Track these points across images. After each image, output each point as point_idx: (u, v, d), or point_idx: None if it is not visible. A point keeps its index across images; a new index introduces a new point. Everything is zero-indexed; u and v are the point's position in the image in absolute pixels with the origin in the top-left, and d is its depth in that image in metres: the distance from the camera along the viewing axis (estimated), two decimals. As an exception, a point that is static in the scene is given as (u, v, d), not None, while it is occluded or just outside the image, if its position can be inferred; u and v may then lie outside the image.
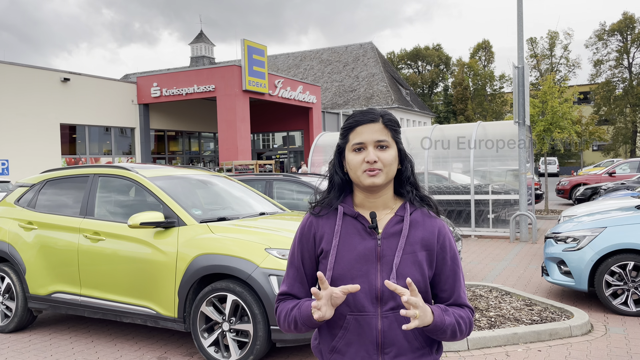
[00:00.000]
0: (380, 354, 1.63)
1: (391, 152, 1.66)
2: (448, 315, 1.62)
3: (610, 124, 53.29)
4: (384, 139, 1.65)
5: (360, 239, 1.68)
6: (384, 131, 1.67)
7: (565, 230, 6.47)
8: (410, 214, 1.71)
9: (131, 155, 25.15)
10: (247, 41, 23.66)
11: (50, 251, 5.44)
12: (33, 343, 5.39)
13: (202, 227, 4.75)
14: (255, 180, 8.36)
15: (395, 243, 1.66)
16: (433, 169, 13.74)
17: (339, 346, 1.66)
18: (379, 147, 1.65)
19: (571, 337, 5.08)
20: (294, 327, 1.68)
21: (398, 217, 1.70)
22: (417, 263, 1.65)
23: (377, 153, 1.64)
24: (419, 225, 1.70)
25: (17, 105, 19.82)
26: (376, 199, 1.70)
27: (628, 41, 53.88)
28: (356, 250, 1.66)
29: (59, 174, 5.93)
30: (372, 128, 1.66)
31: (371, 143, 1.65)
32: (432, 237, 1.69)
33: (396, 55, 70.02)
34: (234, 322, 4.45)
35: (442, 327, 1.58)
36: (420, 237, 1.68)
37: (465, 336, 1.70)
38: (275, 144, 34.56)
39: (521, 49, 11.52)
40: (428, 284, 1.68)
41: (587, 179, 19.45)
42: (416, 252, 1.66)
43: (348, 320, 1.65)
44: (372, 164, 1.63)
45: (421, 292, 1.65)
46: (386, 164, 1.64)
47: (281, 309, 1.73)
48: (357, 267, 1.64)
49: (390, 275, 1.62)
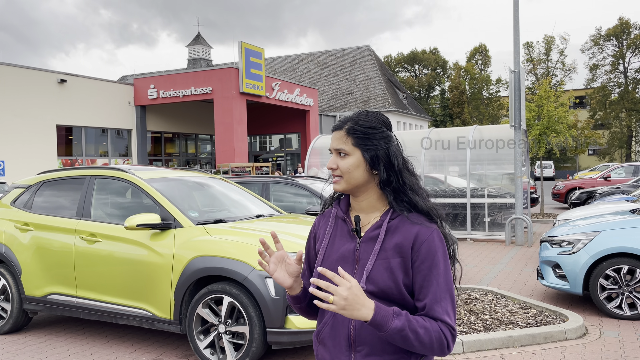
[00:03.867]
0: (353, 352, 1.65)
1: (349, 159, 1.68)
2: (399, 319, 1.52)
3: (606, 128, 53.54)
4: (341, 147, 1.70)
5: (345, 241, 1.73)
6: (344, 139, 1.70)
7: (560, 234, 6.50)
8: (392, 219, 1.69)
9: (127, 157, 25.12)
10: (245, 43, 23.70)
11: (46, 252, 5.43)
12: (28, 345, 5.38)
13: (198, 229, 4.76)
14: (252, 182, 8.37)
15: (372, 248, 1.67)
16: (429, 172, 13.77)
17: (321, 337, 1.74)
18: (339, 154, 1.71)
19: (566, 341, 5.10)
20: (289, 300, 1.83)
21: (379, 222, 1.70)
22: (389, 269, 1.63)
23: (337, 160, 1.71)
24: (398, 231, 1.67)
25: (14, 106, 19.78)
26: (359, 202, 1.75)
27: (624, 46, 54.18)
28: (339, 251, 1.72)
29: (55, 175, 5.93)
30: (336, 135, 1.73)
31: (334, 150, 1.72)
32: (408, 243, 1.64)
33: (393, 59, 70.21)
34: (230, 324, 4.45)
35: (385, 328, 1.51)
36: (394, 243, 1.65)
37: (435, 353, 1.58)
38: (272, 147, 34.57)
39: (517, 53, 11.57)
40: (403, 290, 1.63)
41: (583, 183, 19.52)
42: (389, 258, 1.64)
43: (329, 315, 1.72)
44: (334, 171, 1.71)
45: (395, 299, 1.63)
46: (344, 172, 1.69)
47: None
48: (337, 268, 1.68)
49: (361, 280, 1.63)
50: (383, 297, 1.62)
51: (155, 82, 24.83)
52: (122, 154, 25.00)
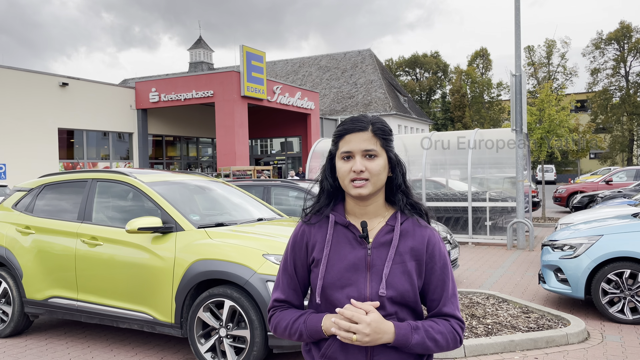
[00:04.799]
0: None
1: (379, 161, 1.64)
2: (418, 334, 1.59)
3: (607, 132, 53.50)
4: (372, 149, 1.63)
5: (351, 248, 1.67)
6: (373, 140, 1.64)
7: (562, 238, 6.49)
8: (401, 223, 1.70)
9: (129, 160, 25.14)
10: (246, 47, 23.73)
11: (48, 256, 5.43)
12: (29, 348, 5.37)
13: (200, 233, 4.75)
14: (253, 186, 8.37)
15: (385, 253, 1.65)
16: (431, 176, 13.76)
17: (328, 353, 1.66)
18: (367, 157, 1.63)
19: (568, 345, 5.09)
20: (296, 338, 1.69)
21: (389, 227, 1.69)
22: (406, 273, 1.64)
23: (365, 162, 1.63)
24: (409, 235, 1.68)
25: (15, 109, 19.82)
26: (366, 206, 1.70)
27: (625, 50, 54.21)
28: (346, 259, 1.66)
29: (57, 178, 5.93)
30: (360, 137, 1.64)
31: (359, 152, 1.63)
32: (422, 246, 1.67)
33: (394, 62, 70.29)
34: (231, 328, 4.45)
35: (407, 345, 1.59)
36: (409, 247, 1.67)
37: (450, 349, 1.68)
38: (274, 150, 34.59)
39: (519, 57, 11.58)
40: (417, 293, 1.68)
41: (584, 186, 19.50)
42: (406, 262, 1.65)
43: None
44: (359, 174, 1.62)
45: (410, 302, 1.66)
46: (373, 174, 1.63)
47: (280, 318, 1.73)
48: (347, 276, 1.64)
49: (380, 285, 1.62)
50: (401, 301, 1.64)
51: (156, 86, 24.87)
52: (123, 157, 25.02)
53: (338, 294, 1.64)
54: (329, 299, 1.66)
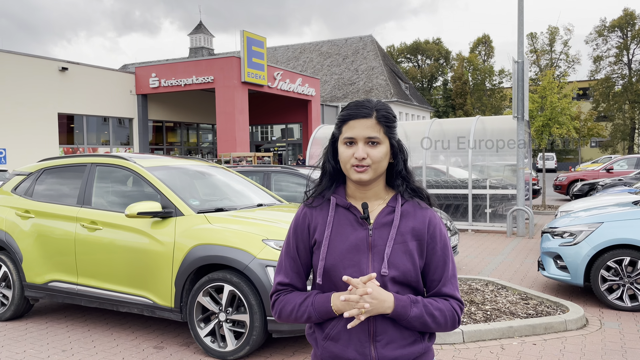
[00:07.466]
0: (373, 342, 1.65)
1: (381, 148, 1.65)
2: (416, 307, 1.63)
3: (609, 120, 53.35)
4: (374, 136, 1.64)
5: (352, 229, 1.69)
6: (376, 127, 1.65)
7: (562, 225, 6.49)
8: (402, 205, 1.72)
9: (129, 145, 25.11)
10: (247, 32, 23.58)
11: (47, 240, 5.44)
12: (29, 332, 5.40)
13: (199, 218, 4.75)
14: (253, 172, 8.35)
15: (387, 233, 1.67)
16: (431, 163, 13.74)
17: (332, 334, 1.68)
18: (369, 143, 1.64)
19: (566, 331, 5.11)
20: (304, 320, 1.70)
21: (389, 208, 1.71)
22: (408, 252, 1.67)
23: (367, 149, 1.64)
24: (410, 215, 1.71)
25: (15, 94, 19.74)
26: (367, 190, 1.72)
27: (628, 37, 53.84)
28: (348, 240, 1.68)
29: (56, 162, 5.92)
30: (364, 124, 1.64)
31: (362, 139, 1.64)
32: (423, 227, 1.70)
33: (396, 49, 69.89)
34: (230, 312, 4.46)
35: (405, 317, 1.62)
36: (411, 227, 1.69)
37: (449, 329, 1.70)
38: (274, 136, 34.52)
39: (521, 44, 11.50)
40: (419, 273, 1.70)
41: (585, 175, 19.48)
42: (407, 242, 1.67)
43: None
44: (361, 161, 1.63)
45: (412, 282, 1.68)
46: (375, 161, 1.64)
47: (285, 301, 1.73)
48: (349, 257, 1.66)
49: (382, 265, 1.64)
50: (403, 280, 1.66)
51: (156, 71, 24.74)
52: (123, 142, 24.98)
53: (340, 274, 1.65)
54: (332, 280, 1.68)
